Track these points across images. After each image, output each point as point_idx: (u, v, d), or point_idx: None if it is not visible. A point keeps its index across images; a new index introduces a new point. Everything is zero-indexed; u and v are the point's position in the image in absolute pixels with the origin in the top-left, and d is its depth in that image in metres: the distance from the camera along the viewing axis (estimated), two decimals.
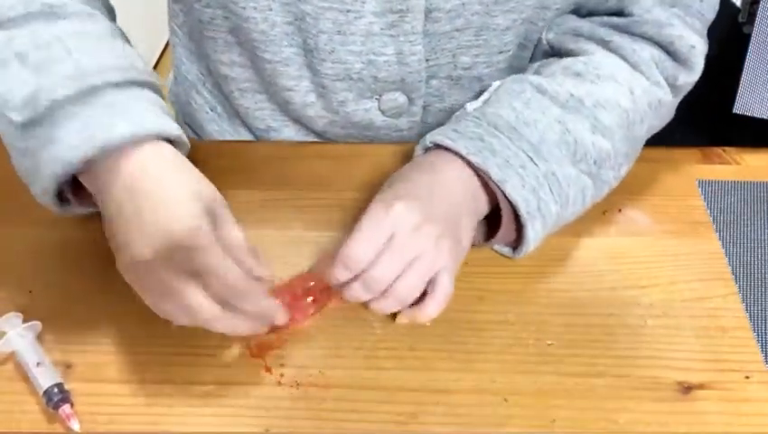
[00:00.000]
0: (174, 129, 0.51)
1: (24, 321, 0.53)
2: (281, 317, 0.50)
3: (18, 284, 0.57)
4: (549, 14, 0.65)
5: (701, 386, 0.51)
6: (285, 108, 0.71)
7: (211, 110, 0.77)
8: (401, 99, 0.67)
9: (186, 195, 0.47)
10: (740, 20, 0.75)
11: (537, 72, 0.62)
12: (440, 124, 0.71)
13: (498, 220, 0.57)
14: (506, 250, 0.59)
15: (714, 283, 0.58)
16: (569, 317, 0.55)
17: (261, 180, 0.66)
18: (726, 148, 0.70)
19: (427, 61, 0.64)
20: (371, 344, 0.54)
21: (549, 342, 0.54)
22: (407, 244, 0.52)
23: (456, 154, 0.56)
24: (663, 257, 0.60)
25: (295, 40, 0.63)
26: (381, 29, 0.60)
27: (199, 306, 0.46)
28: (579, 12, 0.65)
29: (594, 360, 0.53)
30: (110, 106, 0.49)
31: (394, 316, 0.55)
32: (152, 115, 0.50)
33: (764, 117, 0.69)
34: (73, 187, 0.53)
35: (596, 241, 0.61)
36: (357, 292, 0.52)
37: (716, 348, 0.53)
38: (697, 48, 0.61)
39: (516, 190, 0.54)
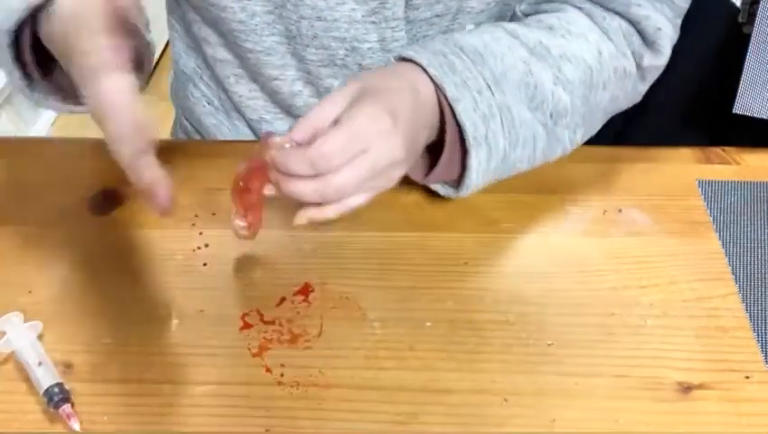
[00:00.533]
0: None
1: (25, 321, 0.53)
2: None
3: (18, 284, 0.57)
4: None
5: (701, 386, 0.51)
6: (275, 98, 0.71)
7: (208, 104, 0.78)
8: None
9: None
10: (740, 20, 0.75)
11: (512, 22, 0.62)
12: None
13: (440, 155, 0.55)
14: (450, 192, 0.59)
15: (714, 283, 0.58)
16: (569, 317, 0.55)
17: None
18: (726, 148, 0.70)
19: None
20: (371, 344, 0.54)
21: (549, 342, 0.54)
22: (377, 169, 0.49)
23: (419, 66, 0.54)
24: (663, 257, 0.60)
25: (277, 28, 0.64)
26: (363, 16, 0.61)
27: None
28: None
29: (594, 360, 0.53)
30: None
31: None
32: None
33: (764, 117, 0.69)
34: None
35: (596, 241, 0.61)
36: (308, 191, 0.48)
37: (716, 348, 0.53)
38: (663, 31, 0.61)
39: (466, 112, 0.53)
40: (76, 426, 0.48)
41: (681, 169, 0.68)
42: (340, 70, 0.66)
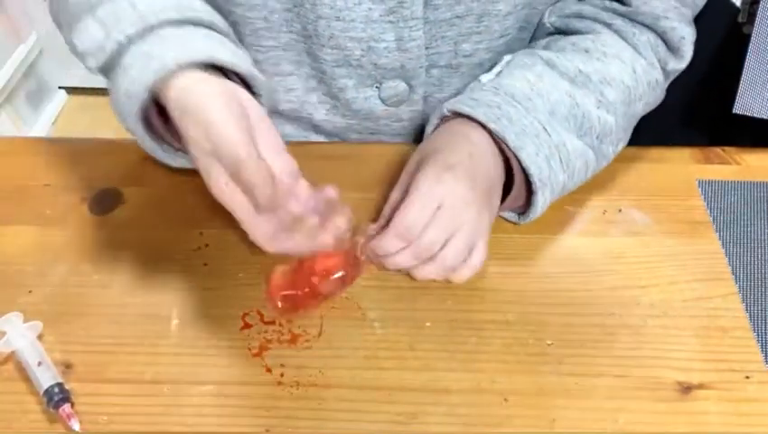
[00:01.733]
0: (225, 56, 0.52)
1: (25, 321, 0.53)
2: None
3: (18, 284, 0.57)
4: None
5: (701, 386, 0.51)
6: (288, 97, 0.70)
7: None
8: (401, 86, 0.67)
9: (225, 118, 0.48)
10: (740, 20, 0.75)
11: (546, 48, 0.65)
12: None
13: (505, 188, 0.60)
14: (512, 216, 0.62)
15: (714, 283, 0.58)
16: (569, 317, 0.55)
17: None
18: (726, 148, 0.70)
19: (427, 48, 0.64)
20: (371, 344, 0.54)
21: (549, 342, 0.54)
22: (455, 214, 0.54)
23: (476, 121, 0.58)
24: (663, 257, 0.60)
25: (294, 26, 0.64)
26: (381, 15, 0.61)
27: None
28: None
29: (594, 360, 0.53)
30: (167, 40, 0.52)
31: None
32: (202, 44, 0.52)
33: (764, 117, 0.69)
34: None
35: (596, 241, 0.61)
36: (406, 259, 0.54)
37: (716, 348, 0.53)
38: (686, 39, 0.64)
39: (531, 158, 0.57)
40: (76, 426, 0.48)
41: (681, 169, 0.68)
42: (354, 71, 0.66)
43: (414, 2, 0.60)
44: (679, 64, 0.65)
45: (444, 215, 0.54)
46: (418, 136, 0.72)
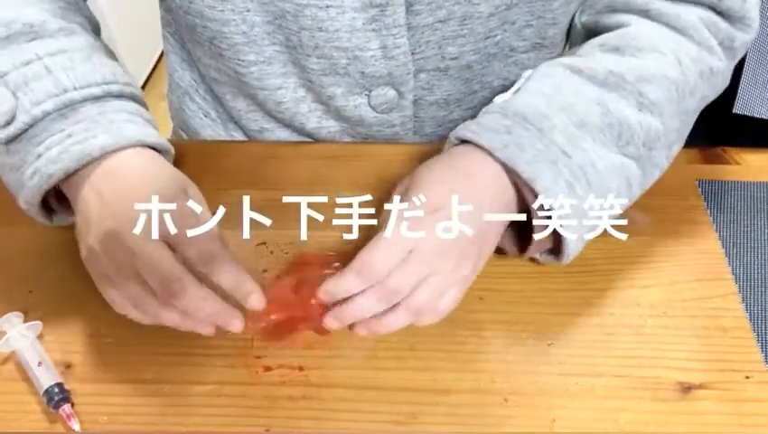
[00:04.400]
0: (153, 136, 0.53)
1: (25, 321, 0.54)
2: (233, 321, 0.49)
3: (18, 284, 0.57)
4: (556, 4, 0.63)
5: (701, 386, 0.51)
6: (278, 108, 0.70)
7: (205, 116, 0.77)
8: (391, 93, 0.66)
9: (144, 198, 0.48)
10: None
11: (571, 54, 0.59)
12: (432, 118, 0.71)
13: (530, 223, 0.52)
14: (551, 260, 0.55)
15: (714, 283, 0.58)
16: (569, 317, 0.55)
17: (260, 180, 0.66)
18: (726, 148, 0.70)
19: (413, 54, 0.64)
20: (371, 344, 0.54)
21: (549, 342, 0.54)
22: (427, 262, 0.48)
23: (482, 148, 0.52)
24: (663, 257, 0.60)
25: (277, 38, 0.63)
26: (363, 24, 0.60)
27: (139, 296, 0.48)
28: None
29: (594, 360, 0.53)
30: (90, 119, 0.51)
31: None
32: (131, 125, 0.52)
33: (764, 117, 0.69)
34: (57, 197, 0.55)
35: (596, 241, 0.61)
36: (369, 302, 0.48)
37: (716, 348, 0.53)
38: (750, 1, 0.57)
39: (548, 190, 0.50)
40: (76, 426, 0.48)
41: (681, 169, 0.68)
42: (342, 79, 0.65)
43: (396, 9, 0.59)
44: (748, 35, 0.58)
45: (414, 260, 0.47)
46: (410, 140, 0.73)
